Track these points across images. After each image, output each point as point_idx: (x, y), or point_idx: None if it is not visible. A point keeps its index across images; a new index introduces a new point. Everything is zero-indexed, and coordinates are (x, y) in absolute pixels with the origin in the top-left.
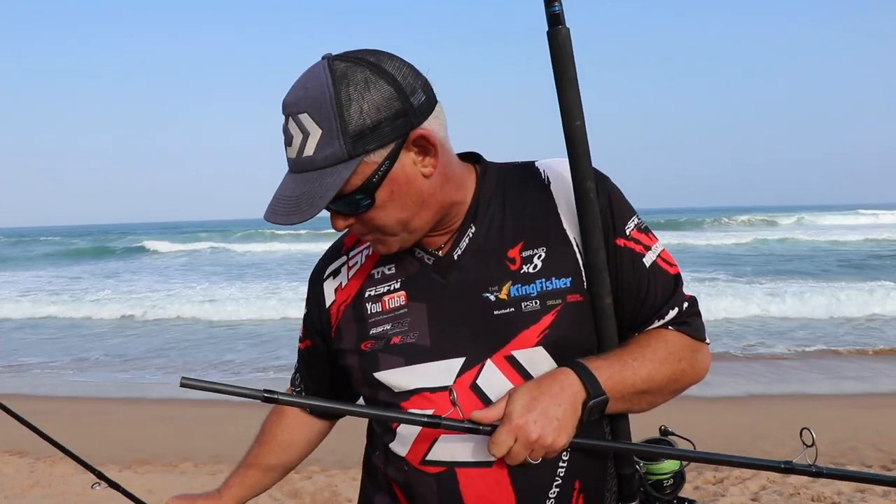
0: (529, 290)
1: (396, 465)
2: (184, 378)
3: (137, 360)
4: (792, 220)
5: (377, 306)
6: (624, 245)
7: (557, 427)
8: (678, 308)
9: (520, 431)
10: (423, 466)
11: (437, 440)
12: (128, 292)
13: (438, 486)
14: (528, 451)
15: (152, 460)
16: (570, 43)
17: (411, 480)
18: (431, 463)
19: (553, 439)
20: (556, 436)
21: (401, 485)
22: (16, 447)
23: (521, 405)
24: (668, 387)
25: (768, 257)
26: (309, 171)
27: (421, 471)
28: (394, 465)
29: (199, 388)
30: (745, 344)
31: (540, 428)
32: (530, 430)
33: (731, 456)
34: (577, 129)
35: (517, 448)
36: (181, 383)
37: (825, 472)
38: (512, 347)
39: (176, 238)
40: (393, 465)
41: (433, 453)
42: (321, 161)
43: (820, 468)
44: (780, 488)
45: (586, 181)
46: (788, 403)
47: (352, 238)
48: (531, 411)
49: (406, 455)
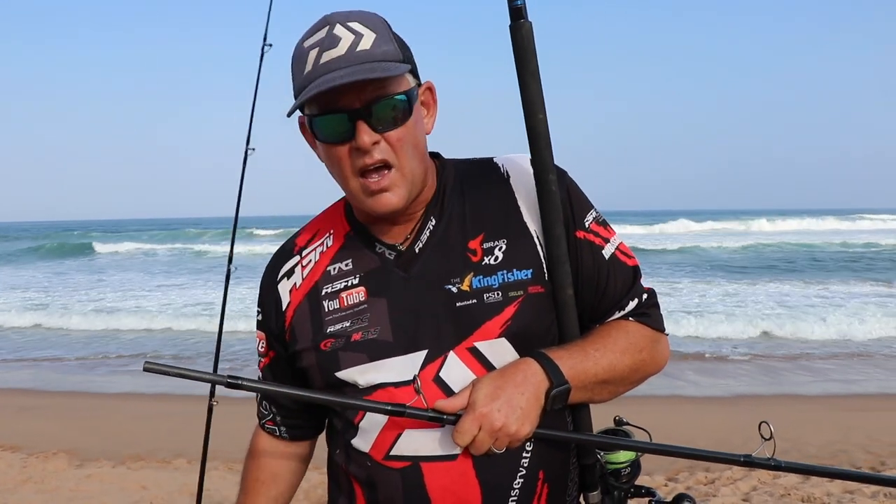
0: (491, 282)
1: (359, 462)
2: (147, 362)
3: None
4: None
5: (334, 303)
6: (584, 237)
7: (521, 415)
8: (638, 299)
9: (484, 420)
10: (388, 462)
11: (401, 435)
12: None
13: (403, 481)
14: (493, 440)
15: (146, 456)
16: (533, 37)
17: (375, 476)
18: (395, 458)
19: (517, 427)
20: (520, 424)
21: (363, 481)
22: (8, 442)
23: (484, 394)
24: (629, 377)
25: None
26: (364, 63)
27: (385, 466)
28: (356, 461)
29: (162, 372)
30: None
31: (504, 416)
32: (494, 418)
33: (691, 449)
34: (539, 122)
35: (481, 436)
36: (144, 367)
37: (783, 466)
38: (475, 339)
39: (151, 237)
40: (355, 462)
41: (397, 448)
42: (380, 54)
43: (778, 461)
44: (770, 489)
45: (548, 173)
46: (782, 405)
47: (304, 237)
48: (495, 400)
49: (369, 451)
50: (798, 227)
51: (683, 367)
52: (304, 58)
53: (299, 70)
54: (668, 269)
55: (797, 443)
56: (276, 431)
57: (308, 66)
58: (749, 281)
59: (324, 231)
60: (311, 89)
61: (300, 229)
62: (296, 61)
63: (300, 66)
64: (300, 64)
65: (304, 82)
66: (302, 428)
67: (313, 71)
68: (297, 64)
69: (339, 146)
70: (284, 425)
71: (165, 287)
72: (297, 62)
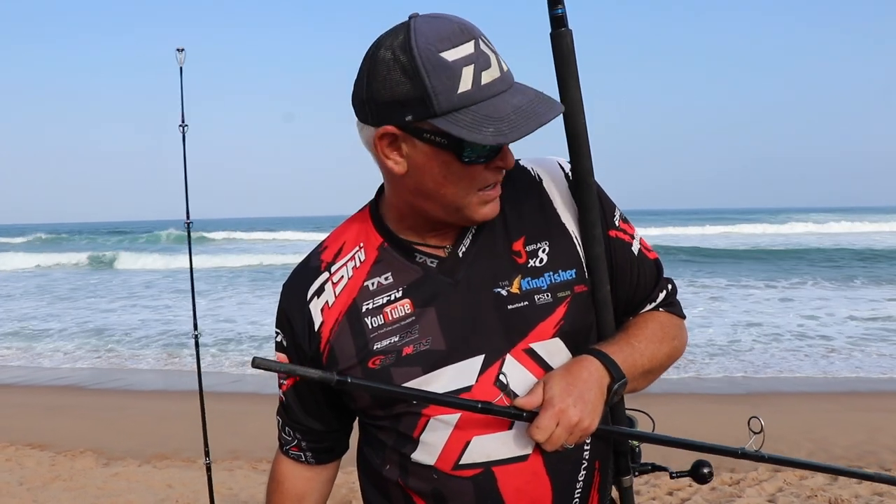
0: (540, 284)
1: (421, 476)
2: (255, 358)
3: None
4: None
5: (378, 319)
6: (616, 236)
7: (592, 410)
8: (665, 290)
9: (562, 415)
10: (457, 471)
11: (470, 442)
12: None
13: (476, 489)
14: (568, 434)
15: (171, 455)
16: (573, 44)
17: (444, 488)
18: (466, 466)
19: (590, 422)
20: (592, 418)
21: (428, 495)
22: (37, 440)
23: (559, 390)
24: (665, 364)
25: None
26: (525, 88)
27: (455, 476)
28: (417, 475)
29: (271, 369)
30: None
31: (579, 411)
32: (571, 413)
33: (691, 441)
34: (580, 126)
35: (559, 432)
36: (253, 363)
37: (766, 458)
38: (530, 340)
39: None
40: (416, 476)
41: (467, 456)
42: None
43: (762, 454)
44: (796, 490)
45: (589, 176)
46: (806, 404)
47: (329, 252)
48: (570, 396)
49: (435, 463)
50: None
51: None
52: (453, 73)
53: (447, 86)
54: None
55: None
56: (301, 457)
57: (465, 83)
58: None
59: (351, 244)
60: (519, 124)
61: (321, 244)
62: (439, 71)
63: (448, 81)
64: (448, 79)
65: (465, 102)
66: (330, 451)
67: (476, 92)
68: (442, 77)
69: (479, 165)
70: (311, 450)
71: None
72: (440, 73)
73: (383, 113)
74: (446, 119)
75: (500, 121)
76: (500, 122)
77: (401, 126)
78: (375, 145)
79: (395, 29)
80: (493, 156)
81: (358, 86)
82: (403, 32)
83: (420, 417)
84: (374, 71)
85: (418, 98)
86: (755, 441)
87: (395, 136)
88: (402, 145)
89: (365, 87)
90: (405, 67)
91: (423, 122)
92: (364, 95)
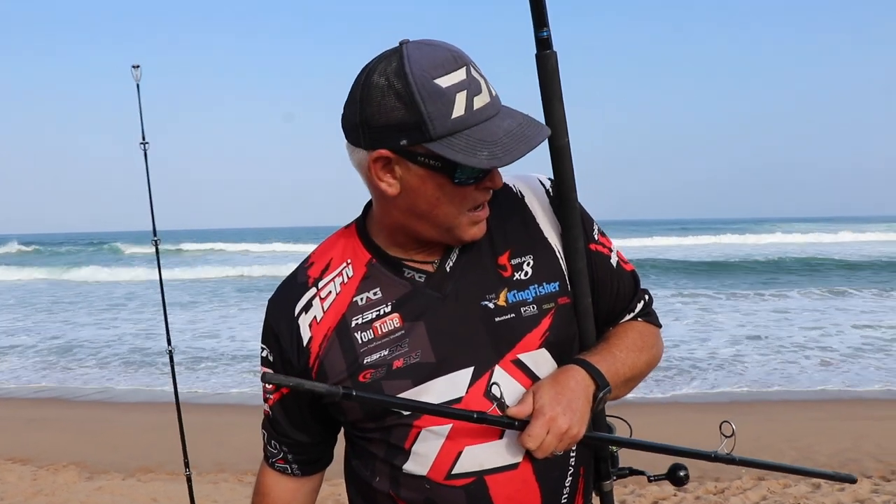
0: (526, 296)
1: (413, 486)
2: (266, 373)
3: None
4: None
5: (367, 334)
6: (596, 249)
7: (580, 418)
8: (643, 301)
9: (552, 423)
10: (450, 481)
11: (462, 452)
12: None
13: (468, 497)
14: (558, 442)
15: (156, 468)
16: (558, 65)
17: (436, 497)
18: (458, 476)
19: (578, 429)
20: (580, 426)
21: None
22: (18, 455)
23: (549, 399)
24: (645, 372)
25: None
26: (512, 110)
27: (447, 485)
28: (408, 486)
29: (280, 384)
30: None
31: (569, 419)
32: (560, 421)
33: (666, 445)
34: (564, 145)
35: (549, 439)
36: (263, 378)
37: (737, 460)
38: (517, 351)
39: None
40: (407, 487)
41: (460, 465)
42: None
43: (734, 456)
44: (780, 499)
45: (572, 192)
46: (793, 413)
47: (316, 268)
48: (559, 404)
49: (427, 473)
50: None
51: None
52: (447, 99)
53: (441, 112)
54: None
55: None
56: (287, 470)
57: (459, 109)
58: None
59: (339, 260)
60: (511, 147)
61: (307, 259)
62: (434, 97)
63: (443, 107)
64: (443, 105)
65: (459, 126)
66: (316, 462)
67: (469, 117)
68: (437, 103)
69: (470, 186)
70: (297, 462)
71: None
72: (435, 99)
73: (377, 137)
74: (441, 143)
75: (493, 144)
76: (494, 145)
77: (395, 150)
78: (369, 168)
79: (386, 55)
80: (483, 177)
81: (350, 110)
82: (396, 59)
83: (411, 429)
84: (367, 96)
85: (414, 123)
86: (726, 444)
87: (389, 160)
88: (395, 168)
89: (358, 111)
90: (400, 93)
91: (418, 147)
92: (357, 119)
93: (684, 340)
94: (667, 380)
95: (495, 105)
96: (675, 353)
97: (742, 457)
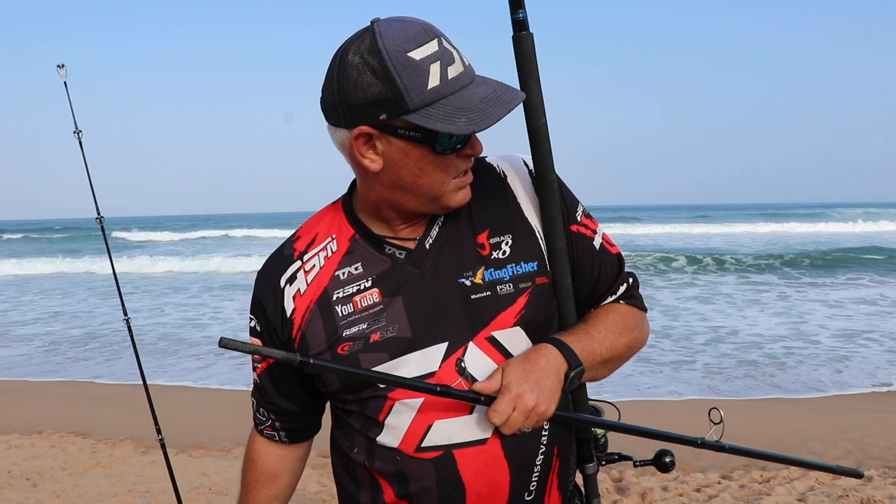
0: (502, 275)
1: (386, 458)
2: (223, 338)
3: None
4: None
5: (348, 307)
6: (577, 231)
7: (549, 396)
8: (626, 284)
9: (518, 400)
10: (419, 454)
11: (432, 426)
12: None
13: (437, 470)
14: (525, 419)
15: (207, 445)
16: (534, 47)
17: (406, 469)
18: (427, 449)
19: (546, 407)
20: (549, 404)
21: (391, 476)
22: (80, 428)
23: (516, 376)
24: (625, 354)
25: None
26: (486, 78)
27: (417, 458)
28: (382, 457)
29: (236, 349)
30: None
31: (535, 396)
32: (527, 398)
33: (656, 430)
34: (541, 125)
35: (515, 416)
36: (220, 343)
37: (727, 448)
38: (492, 329)
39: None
40: (381, 458)
41: (429, 439)
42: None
43: (723, 444)
44: (828, 490)
45: (550, 173)
46: (843, 406)
47: (302, 242)
48: (526, 381)
49: (399, 445)
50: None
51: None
52: (422, 70)
53: (417, 83)
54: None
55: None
56: (275, 437)
57: (434, 79)
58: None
59: (324, 235)
60: (488, 112)
61: (294, 234)
62: (408, 69)
63: (418, 79)
64: (418, 76)
65: (435, 96)
66: (303, 431)
67: (444, 86)
68: (412, 75)
69: (451, 154)
70: (284, 430)
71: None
72: (409, 71)
73: (357, 114)
74: (419, 114)
75: (470, 111)
76: (471, 112)
77: (375, 125)
78: (351, 146)
79: (359, 34)
80: (463, 145)
81: (328, 91)
82: (369, 37)
83: (386, 401)
84: (343, 75)
85: (391, 97)
86: (715, 431)
87: (370, 136)
88: (377, 143)
89: (336, 91)
90: (375, 69)
91: (397, 120)
92: (335, 99)
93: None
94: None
95: (469, 74)
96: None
97: (731, 444)
